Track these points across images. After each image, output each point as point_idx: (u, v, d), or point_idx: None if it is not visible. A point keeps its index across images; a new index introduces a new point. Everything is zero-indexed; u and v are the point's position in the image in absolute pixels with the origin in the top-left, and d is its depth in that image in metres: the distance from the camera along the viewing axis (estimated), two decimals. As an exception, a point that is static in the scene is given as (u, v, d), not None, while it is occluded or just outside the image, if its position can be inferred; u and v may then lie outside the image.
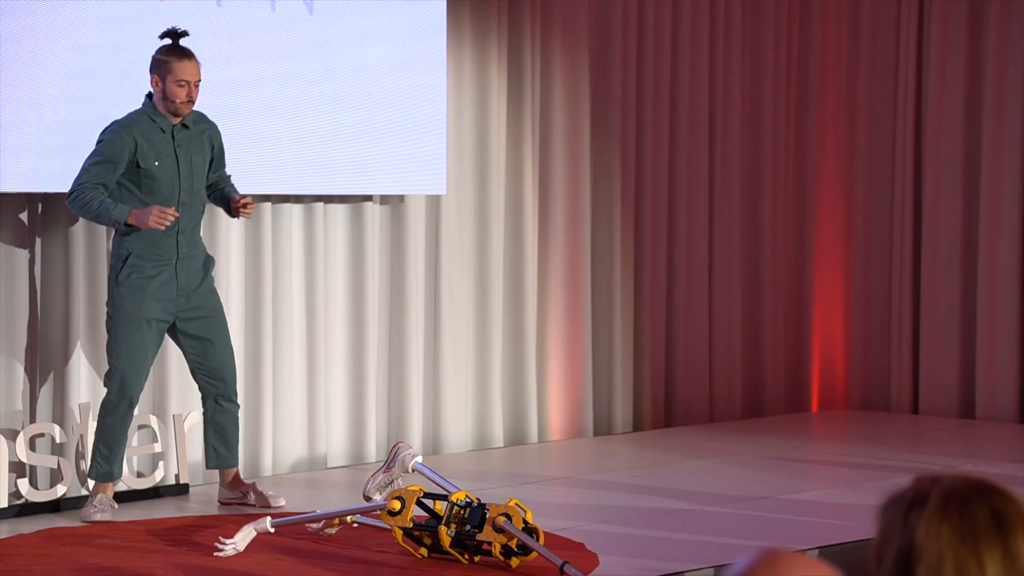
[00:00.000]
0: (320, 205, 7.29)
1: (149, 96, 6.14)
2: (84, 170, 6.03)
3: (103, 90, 6.40)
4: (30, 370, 6.42)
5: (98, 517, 6.04)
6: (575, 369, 8.19)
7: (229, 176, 6.42)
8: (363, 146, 7.23)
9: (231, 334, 6.96)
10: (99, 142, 6.07)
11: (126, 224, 5.98)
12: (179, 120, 6.13)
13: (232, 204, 6.27)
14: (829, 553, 5.49)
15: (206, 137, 6.25)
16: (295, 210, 7.23)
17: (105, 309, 6.23)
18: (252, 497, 6.38)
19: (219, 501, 6.44)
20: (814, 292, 9.34)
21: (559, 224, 8.14)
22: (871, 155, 9.30)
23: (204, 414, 6.38)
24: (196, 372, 6.32)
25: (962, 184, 8.96)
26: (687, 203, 8.67)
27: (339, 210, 7.39)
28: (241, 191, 6.40)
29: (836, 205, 9.37)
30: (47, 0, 6.30)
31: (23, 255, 6.39)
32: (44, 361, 6.48)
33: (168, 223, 6.00)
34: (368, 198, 7.41)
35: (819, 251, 9.35)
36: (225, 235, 6.95)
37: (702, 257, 8.78)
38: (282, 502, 6.35)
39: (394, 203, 7.56)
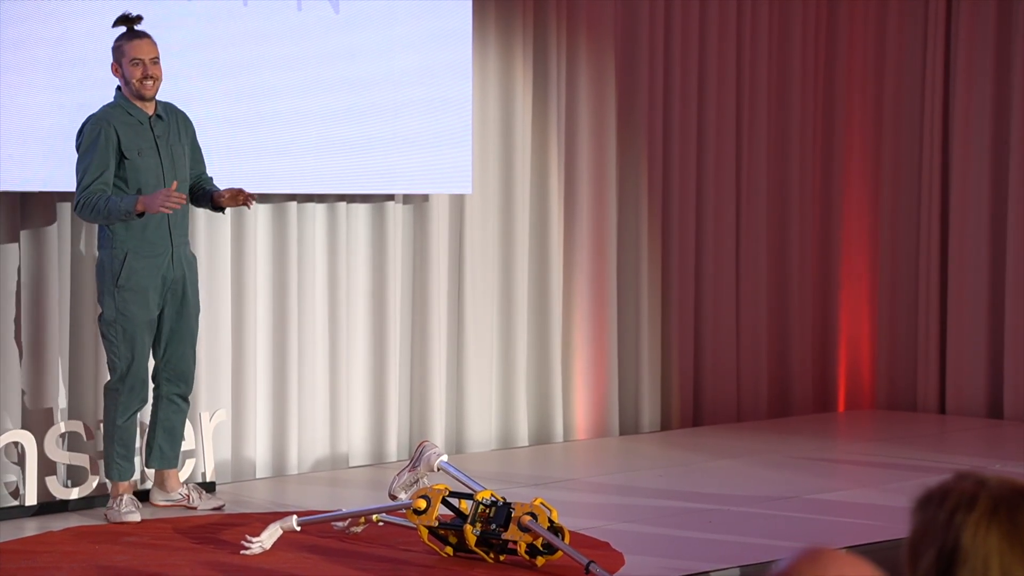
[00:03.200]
0: (343, 204, 7.29)
1: (119, 89, 6.08)
2: (82, 175, 5.95)
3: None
4: (59, 369, 6.44)
5: (130, 518, 6.04)
6: (601, 368, 8.19)
7: (211, 178, 6.31)
8: (389, 154, 7.22)
9: (258, 334, 6.99)
10: (80, 142, 6.00)
11: (137, 213, 5.90)
12: (151, 108, 6.05)
13: (219, 198, 6.08)
14: (856, 553, 5.47)
15: (181, 127, 6.19)
16: (318, 209, 7.24)
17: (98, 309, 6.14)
18: (194, 497, 6.28)
19: (153, 504, 6.27)
20: (841, 292, 9.31)
21: (585, 223, 8.13)
22: (898, 154, 9.27)
23: (156, 411, 6.22)
24: (163, 366, 6.18)
25: (989, 184, 8.93)
26: (714, 203, 8.66)
27: (361, 209, 7.40)
28: (265, 194, 6.35)
29: (863, 204, 9.34)
30: (68, 5, 6.32)
31: (51, 253, 6.40)
32: (73, 359, 6.49)
33: (178, 205, 5.88)
34: (390, 197, 7.42)
35: (846, 250, 9.32)
36: (252, 234, 6.96)
37: (729, 256, 8.77)
38: (220, 503, 6.32)
39: (417, 202, 7.56)
